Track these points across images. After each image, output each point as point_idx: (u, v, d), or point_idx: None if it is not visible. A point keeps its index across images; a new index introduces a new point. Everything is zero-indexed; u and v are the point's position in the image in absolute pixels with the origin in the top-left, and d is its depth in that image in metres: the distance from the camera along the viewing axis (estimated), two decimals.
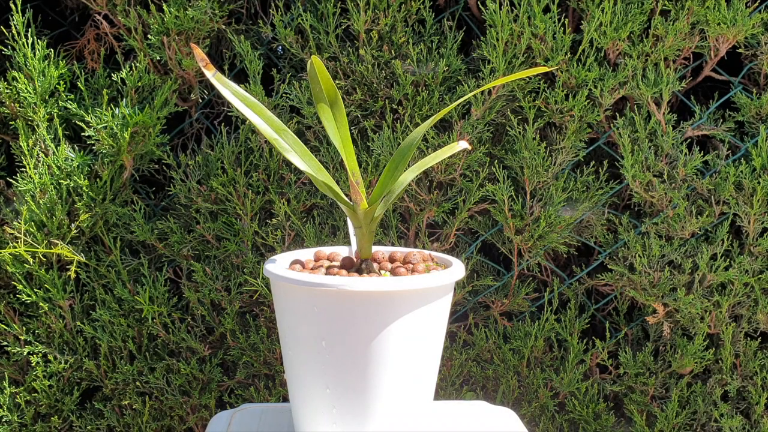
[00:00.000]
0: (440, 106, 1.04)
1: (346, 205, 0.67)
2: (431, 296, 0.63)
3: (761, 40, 1.05)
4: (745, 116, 1.06)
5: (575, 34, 1.04)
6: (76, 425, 1.15)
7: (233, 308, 1.10)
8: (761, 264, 1.06)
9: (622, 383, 1.12)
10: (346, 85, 1.06)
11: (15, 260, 1.06)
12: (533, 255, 1.09)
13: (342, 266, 0.69)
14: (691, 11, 1.01)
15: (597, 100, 1.04)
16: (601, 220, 1.08)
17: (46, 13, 1.19)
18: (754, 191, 1.03)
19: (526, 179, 1.05)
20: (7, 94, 1.06)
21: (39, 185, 1.05)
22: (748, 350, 1.09)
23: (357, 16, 1.02)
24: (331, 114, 0.68)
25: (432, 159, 0.66)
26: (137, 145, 1.07)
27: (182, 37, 1.06)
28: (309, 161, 0.67)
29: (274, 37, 1.10)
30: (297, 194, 1.07)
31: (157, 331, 1.11)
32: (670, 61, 1.05)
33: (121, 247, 1.11)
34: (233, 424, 0.76)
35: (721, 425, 1.10)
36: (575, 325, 1.11)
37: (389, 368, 0.62)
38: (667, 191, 1.04)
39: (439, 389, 1.12)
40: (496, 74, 1.02)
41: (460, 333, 1.13)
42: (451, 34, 1.05)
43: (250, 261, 1.08)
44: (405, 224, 1.11)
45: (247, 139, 1.08)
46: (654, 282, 1.06)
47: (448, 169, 1.05)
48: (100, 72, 1.10)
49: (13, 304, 1.12)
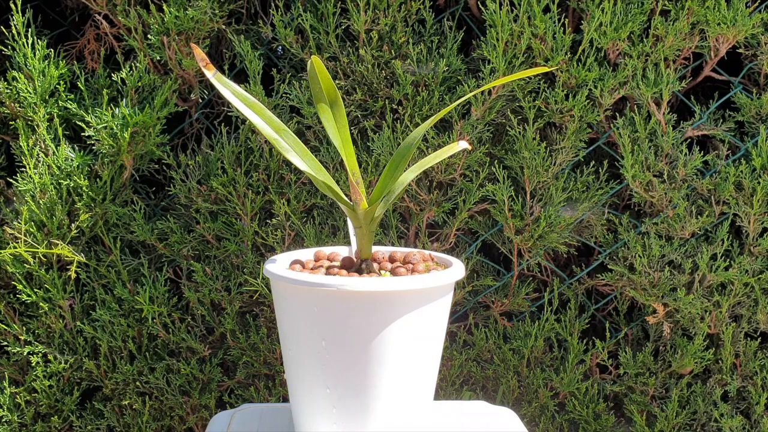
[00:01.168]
0: (440, 106, 1.04)
1: (346, 205, 0.67)
2: (431, 296, 0.63)
3: (761, 40, 1.05)
4: (745, 116, 1.06)
5: (575, 34, 1.04)
6: (76, 425, 1.15)
7: (233, 308, 1.10)
8: (761, 264, 1.06)
9: (622, 383, 1.12)
10: (346, 85, 1.06)
11: (15, 260, 1.06)
12: (533, 255, 1.09)
13: (342, 266, 0.69)
14: (691, 11, 1.01)
15: (597, 100, 1.04)
16: (601, 220, 1.08)
17: (46, 13, 1.19)
18: (754, 191, 1.03)
19: (526, 179, 1.05)
20: (7, 94, 1.06)
21: (39, 185, 1.05)
22: (748, 350, 1.09)
23: (357, 16, 1.02)
24: (331, 114, 0.68)
25: (432, 159, 0.66)
26: (137, 145, 1.07)
27: (182, 37, 1.06)
28: (309, 161, 0.67)
29: (274, 37, 1.10)
30: (297, 194, 1.07)
31: (157, 331, 1.11)
32: (670, 61, 1.05)
33: (121, 247, 1.11)
34: (233, 424, 0.76)
35: (721, 425, 1.10)
36: (575, 325, 1.11)
37: (389, 368, 0.62)
38: (667, 191, 1.04)
39: (439, 389, 1.12)
40: (496, 74, 1.02)
41: (460, 333, 1.13)
42: (451, 34, 1.05)
43: (250, 261, 1.08)
44: (405, 224, 1.11)
45: (247, 139, 1.08)
46: (654, 282, 1.06)
47: (448, 169, 1.05)
48: (100, 72, 1.10)
49: (13, 304, 1.12)
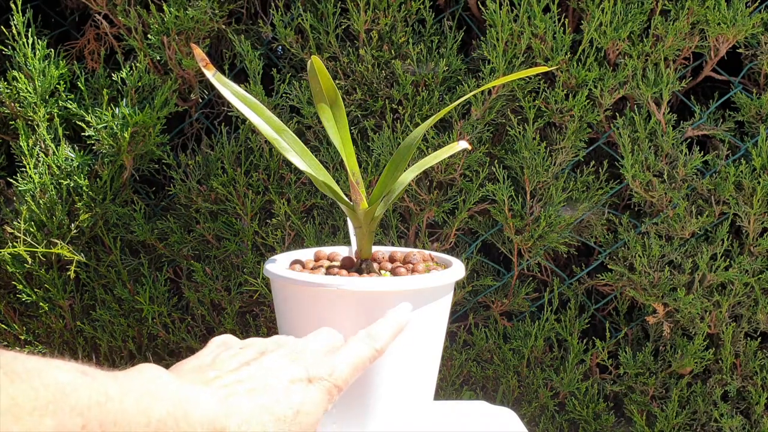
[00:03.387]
0: (440, 106, 1.04)
1: (346, 205, 0.67)
2: (431, 296, 0.63)
3: (761, 40, 1.05)
4: (745, 116, 1.06)
5: (575, 34, 1.04)
6: None
7: (233, 308, 1.10)
8: (761, 264, 1.06)
9: (622, 383, 1.12)
10: (346, 85, 1.06)
11: (15, 260, 1.06)
12: (533, 255, 1.09)
13: (342, 266, 0.69)
14: (691, 11, 1.01)
15: (597, 100, 1.04)
16: (601, 220, 1.08)
17: (46, 13, 1.19)
18: (754, 191, 1.03)
19: (526, 179, 1.05)
20: (7, 94, 1.06)
21: (39, 185, 1.05)
22: (748, 350, 1.09)
23: (357, 16, 1.02)
24: (331, 114, 0.68)
25: (432, 159, 0.66)
26: (137, 145, 1.07)
27: (182, 37, 1.06)
28: (309, 161, 0.67)
29: (274, 37, 1.10)
30: (297, 194, 1.07)
31: (157, 331, 1.11)
32: (670, 61, 1.05)
33: (121, 247, 1.11)
34: None
35: (721, 425, 1.10)
36: (575, 325, 1.11)
37: (389, 368, 0.62)
38: (667, 191, 1.04)
39: (439, 389, 1.12)
40: (496, 74, 1.02)
41: (460, 333, 1.13)
42: (451, 34, 1.05)
43: (250, 261, 1.08)
44: (405, 224, 1.11)
45: (247, 139, 1.08)
46: (654, 282, 1.06)
47: (448, 169, 1.05)
48: (100, 72, 1.10)
49: (13, 304, 1.12)
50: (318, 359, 0.52)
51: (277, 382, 0.49)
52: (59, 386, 0.36)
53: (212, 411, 0.44)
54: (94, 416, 0.38)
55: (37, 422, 0.35)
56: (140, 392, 0.41)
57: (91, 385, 0.38)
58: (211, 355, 0.53)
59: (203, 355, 0.54)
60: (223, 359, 0.52)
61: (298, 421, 0.48)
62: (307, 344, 0.55)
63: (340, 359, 0.53)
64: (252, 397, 0.47)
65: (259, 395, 0.47)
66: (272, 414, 0.47)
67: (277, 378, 0.49)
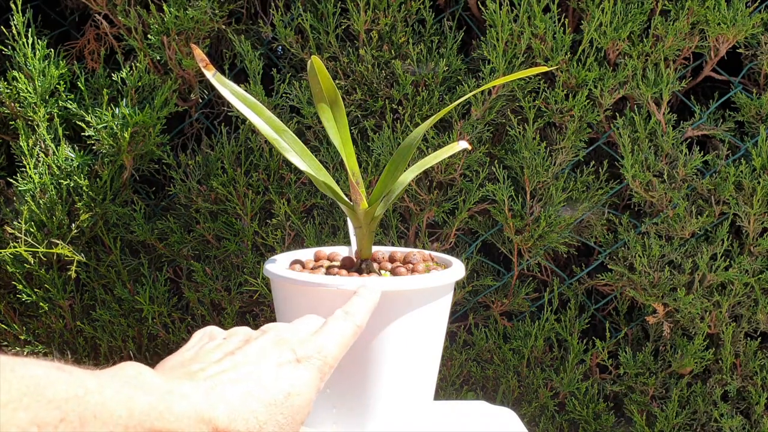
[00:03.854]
0: (440, 106, 1.04)
1: (346, 205, 0.67)
2: (431, 296, 0.63)
3: (761, 40, 1.05)
4: (745, 116, 1.06)
5: (575, 34, 1.04)
6: None
7: (233, 308, 1.10)
8: (761, 264, 1.06)
9: (622, 383, 1.12)
10: (346, 85, 1.06)
11: (15, 260, 1.06)
12: (533, 255, 1.09)
13: (342, 266, 0.69)
14: (691, 11, 1.01)
15: (597, 100, 1.04)
16: (601, 220, 1.08)
17: (46, 13, 1.19)
18: (754, 191, 1.03)
19: (526, 179, 1.05)
20: (7, 94, 1.06)
21: (39, 185, 1.05)
22: (748, 350, 1.09)
23: (357, 16, 1.02)
24: (331, 114, 0.68)
25: (432, 159, 0.66)
26: (137, 145, 1.07)
27: (182, 37, 1.06)
28: (309, 161, 0.67)
29: (274, 37, 1.10)
30: (297, 194, 1.07)
31: (157, 331, 1.11)
32: (670, 61, 1.05)
33: (121, 247, 1.11)
34: None
35: (721, 425, 1.10)
36: (575, 325, 1.11)
37: (389, 368, 0.62)
38: (667, 191, 1.04)
39: (439, 389, 1.12)
40: (496, 74, 1.02)
41: (460, 333, 1.13)
42: (451, 34, 1.05)
43: (250, 261, 1.08)
44: (405, 224, 1.11)
45: (247, 139, 1.08)
46: (654, 282, 1.06)
47: (448, 169, 1.05)
48: (100, 72, 1.10)
49: (13, 304, 1.12)
50: (304, 339, 0.52)
51: (263, 367, 0.48)
52: (34, 379, 0.35)
53: (197, 403, 0.43)
54: (72, 409, 0.36)
55: (11, 416, 0.34)
56: (120, 385, 0.40)
57: (68, 380, 0.37)
58: (194, 348, 0.53)
59: (185, 349, 0.53)
60: (206, 351, 0.51)
61: (290, 404, 0.47)
62: (292, 327, 0.54)
63: (325, 337, 0.53)
64: (238, 385, 0.46)
65: (245, 382, 0.47)
66: (261, 400, 0.46)
67: (263, 363, 0.49)
